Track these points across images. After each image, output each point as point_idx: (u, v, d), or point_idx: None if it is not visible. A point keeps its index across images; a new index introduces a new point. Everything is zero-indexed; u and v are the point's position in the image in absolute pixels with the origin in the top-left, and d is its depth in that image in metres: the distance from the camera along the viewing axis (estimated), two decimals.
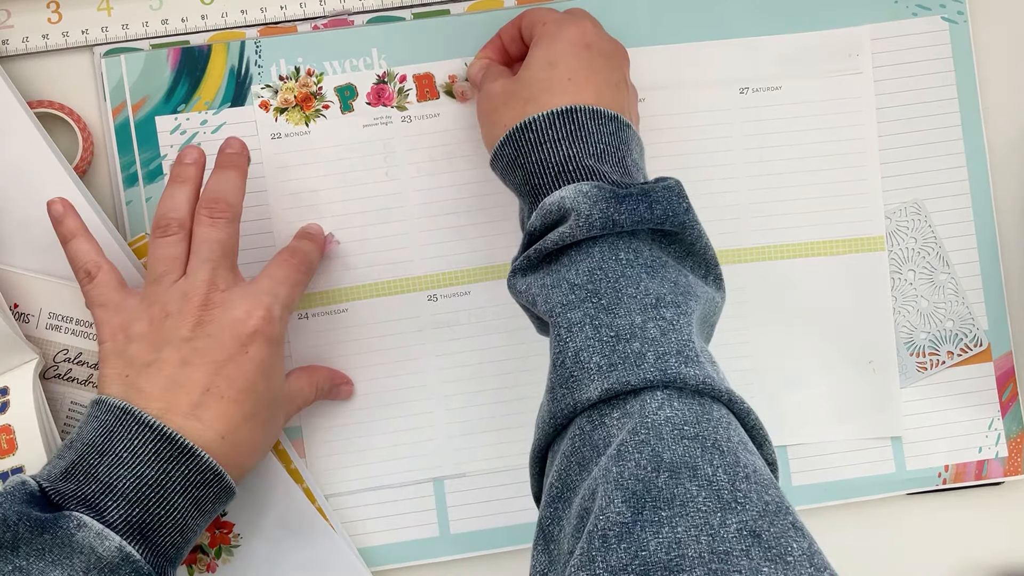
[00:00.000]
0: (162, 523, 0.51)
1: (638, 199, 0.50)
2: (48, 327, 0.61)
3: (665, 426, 0.43)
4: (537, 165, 0.53)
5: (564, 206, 0.50)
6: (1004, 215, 0.68)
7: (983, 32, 0.67)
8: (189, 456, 0.52)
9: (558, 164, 0.52)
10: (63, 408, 0.62)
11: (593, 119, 0.53)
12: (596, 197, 0.50)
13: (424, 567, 0.65)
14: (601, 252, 0.50)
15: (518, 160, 0.54)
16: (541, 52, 0.56)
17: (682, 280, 0.50)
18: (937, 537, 0.68)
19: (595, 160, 0.52)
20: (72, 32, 0.64)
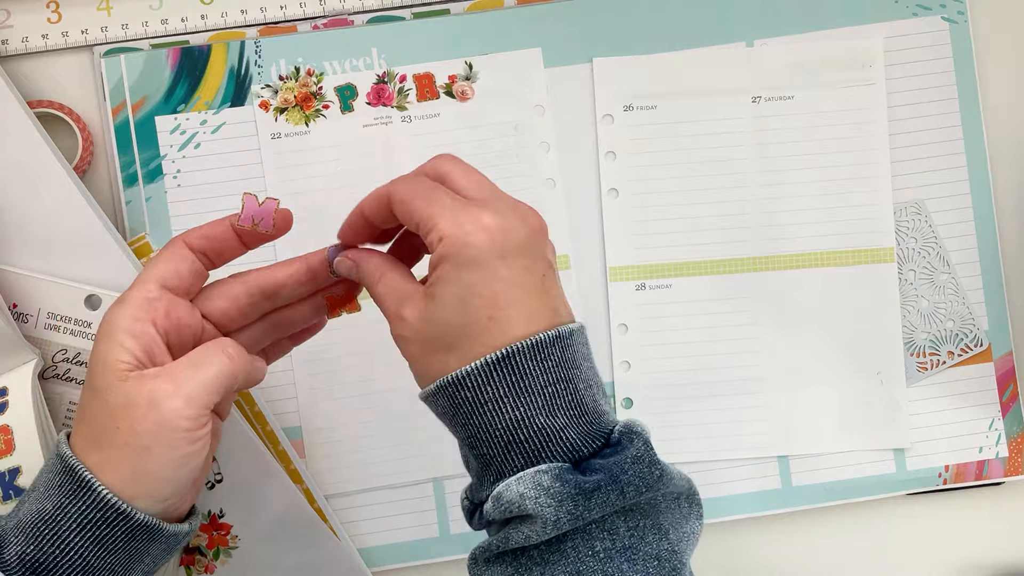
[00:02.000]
0: (57, 563, 0.46)
1: (608, 490, 0.43)
2: (47, 327, 0.61)
3: None
4: (482, 431, 0.45)
5: (524, 507, 0.43)
6: (1004, 215, 0.68)
7: (983, 32, 0.67)
8: (86, 491, 0.46)
9: (506, 432, 0.44)
10: (62, 408, 0.62)
11: (533, 358, 0.44)
12: (561, 495, 0.43)
13: (424, 567, 0.65)
14: (575, 549, 0.44)
15: (458, 419, 0.46)
16: (448, 287, 0.45)
17: (664, 549, 0.45)
18: (937, 537, 0.68)
19: (546, 415, 0.44)
20: (72, 32, 0.64)
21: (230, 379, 0.48)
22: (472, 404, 0.45)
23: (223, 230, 0.50)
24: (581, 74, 0.66)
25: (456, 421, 0.46)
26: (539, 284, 0.46)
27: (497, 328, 0.45)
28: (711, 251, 0.66)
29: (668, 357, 0.66)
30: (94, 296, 0.61)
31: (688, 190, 0.66)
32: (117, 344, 0.47)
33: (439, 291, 0.45)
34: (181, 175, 0.65)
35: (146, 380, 0.47)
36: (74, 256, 0.62)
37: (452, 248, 0.45)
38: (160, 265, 0.49)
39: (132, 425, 0.46)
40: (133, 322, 0.48)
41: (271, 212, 0.50)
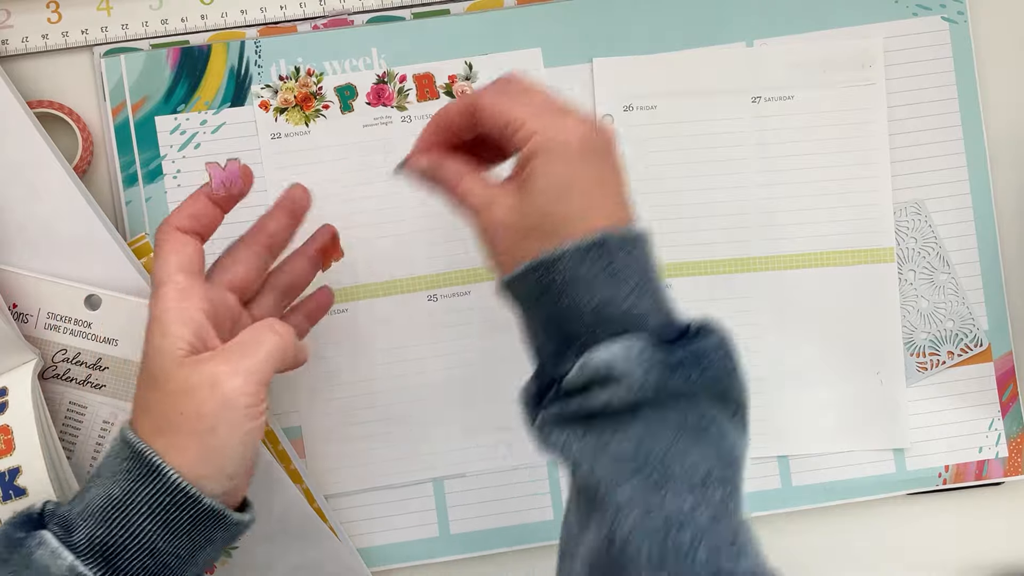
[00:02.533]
0: (126, 546, 0.48)
1: (691, 366, 0.47)
2: (47, 327, 0.61)
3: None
4: (569, 310, 0.47)
5: (613, 369, 0.46)
6: (1004, 215, 0.68)
7: (983, 32, 0.67)
8: (155, 475, 0.48)
9: (595, 310, 0.47)
10: (61, 408, 0.62)
11: (622, 247, 0.48)
12: (649, 362, 0.46)
13: (424, 567, 0.65)
14: (648, 419, 0.46)
15: (543, 300, 0.48)
16: (550, 173, 0.48)
17: (724, 446, 0.47)
18: (937, 537, 0.68)
19: (633, 299, 0.47)
20: (72, 32, 0.64)
21: (281, 354, 0.50)
22: (563, 283, 0.47)
23: (203, 204, 0.53)
24: (581, 74, 0.66)
25: (542, 302, 0.48)
26: (621, 185, 0.50)
27: (593, 212, 0.48)
28: (711, 251, 0.66)
29: None
30: (94, 296, 0.61)
31: (688, 190, 0.66)
32: (171, 334, 0.49)
33: (536, 182, 0.48)
34: (181, 175, 0.65)
35: (203, 363, 0.49)
36: (74, 256, 0.62)
37: (547, 142, 0.48)
38: (172, 257, 0.51)
39: (197, 408, 0.48)
40: (180, 311, 0.50)
41: (236, 172, 0.53)
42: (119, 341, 0.61)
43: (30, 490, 0.56)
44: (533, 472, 0.66)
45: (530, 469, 0.66)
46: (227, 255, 0.55)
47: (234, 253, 0.55)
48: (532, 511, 0.65)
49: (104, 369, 0.62)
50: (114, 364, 0.61)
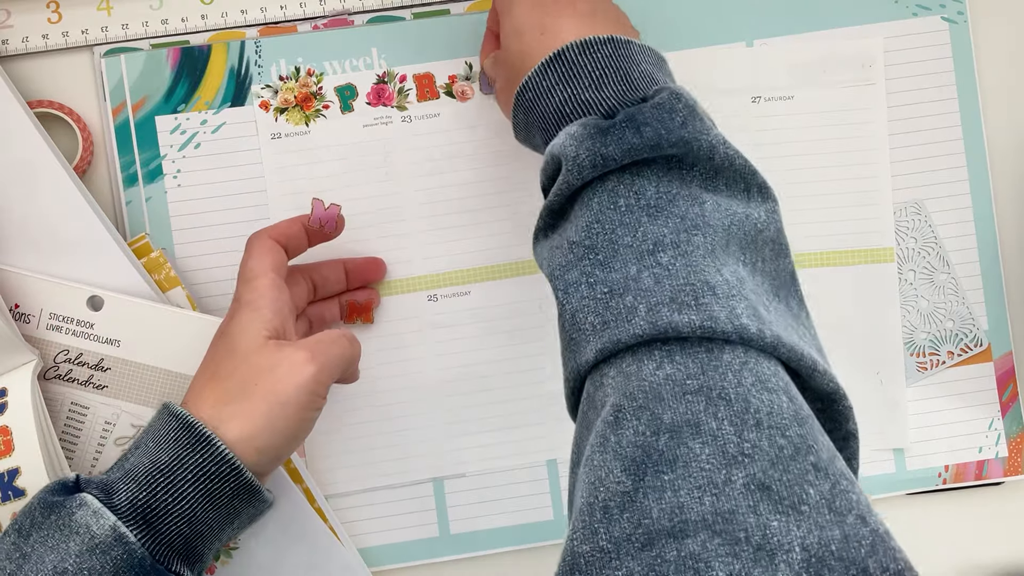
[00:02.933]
0: (168, 510, 0.50)
1: (623, 127, 0.47)
2: (48, 327, 0.61)
3: (665, 385, 0.41)
4: (542, 119, 0.52)
5: (555, 154, 0.49)
6: (1004, 215, 0.68)
7: (983, 32, 0.67)
8: (205, 444, 0.51)
9: (557, 110, 0.51)
10: (63, 409, 0.62)
11: (582, 54, 0.50)
12: (581, 136, 0.48)
13: (424, 567, 0.65)
14: (600, 202, 0.47)
15: (529, 122, 0.53)
16: (505, 27, 0.55)
17: (692, 212, 0.46)
18: (937, 537, 0.68)
19: (594, 91, 0.50)
20: (72, 32, 0.64)
21: (349, 361, 0.55)
22: (533, 100, 0.52)
23: (298, 229, 0.58)
24: None
25: (529, 128, 0.54)
26: (589, 13, 0.53)
27: (550, 39, 0.52)
28: None
29: None
30: (96, 297, 0.61)
31: None
32: (263, 317, 0.54)
33: (502, 33, 0.56)
34: (181, 175, 0.65)
35: (286, 347, 0.53)
36: (74, 256, 0.62)
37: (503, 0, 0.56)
38: (267, 257, 0.56)
39: (273, 385, 0.52)
40: (273, 300, 0.55)
41: (335, 216, 0.59)
42: (121, 342, 0.61)
43: (29, 491, 0.56)
44: (533, 472, 0.66)
45: (530, 469, 0.66)
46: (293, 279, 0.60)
47: (296, 276, 0.61)
48: (532, 511, 0.66)
49: (106, 370, 0.62)
50: (116, 365, 0.61)
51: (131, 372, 0.61)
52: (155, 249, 0.63)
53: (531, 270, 0.65)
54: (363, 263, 0.64)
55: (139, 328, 0.61)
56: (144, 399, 0.61)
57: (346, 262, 0.63)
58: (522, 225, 0.66)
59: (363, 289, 0.64)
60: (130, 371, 0.61)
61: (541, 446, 0.65)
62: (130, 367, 0.61)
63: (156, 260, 0.63)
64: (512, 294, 0.65)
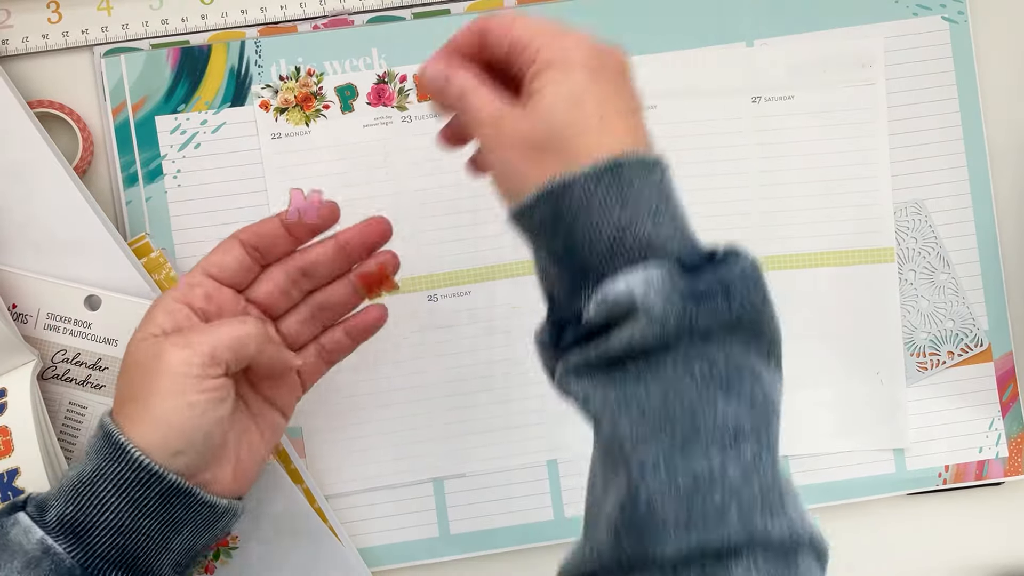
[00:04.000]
0: (94, 522, 0.49)
1: (716, 297, 0.43)
2: (46, 327, 0.61)
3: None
4: (584, 238, 0.44)
5: (633, 302, 0.43)
6: (1004, 215, 0.68)
7: (983, 32, 0.67)
8: (119, 451, 0.49)
9: (611, 237, 0.44)
10: (61, 409, 0.62)
11: (640, 172, 0.45)
12: (671, 292, 0.43)
13: (424, 567, 0.65)
14: (675, 367, 0.43)
15: (558, 227, 0.45)
16: (557, 87, 0.46)
17: (757, 391, 0.44)
18: (937, 537, 0.68)
19: (651, 225, 0.44)
20: (72, 32, 0.64)
21: (242, 339, 0.51)
22: (578, 208, 0.44)
23: (272, 225, 0.55)
24: None
25: (555, 229, 0.45)
26: (637, 106, 0.48)
27: (608, 132, 0.45)
28: None
29: None
30: (94, 296, 0.61)
31: (688, 190, 0.65)
32: (151, 319, 0.52)
33: (549, 94, 0.46)
34: (181, 175, 0.65)
35: (159, 340, 0.51)
36: (74, 256, 0.62)
37: (556, 55, 0.46)
38: (209, 256, 0.54)
39: (144, 377, 0.50)
40: (171, 302, 0.53)
41: (316, 204, 0.54)
42: (119, 341, 0.61)
43: (29, 491, 0.56)
44: (533, 472, 0.66)
45: (530, 469, 0.66)
46: (264, 272, 0.56)
47: (268, 271, 0.56)
48: (532, 511, 0.65)
49: (104, 369, 0.61)
50: (114, 364, 0.61)
51: None
52: (155, 249, 0.63)
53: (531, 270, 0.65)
54: (358, 230, 0.56)
55: None
56: None
57: (338, 236, 0.56)
58: None
59: (371, 258, 0.57)
60: None
61: (541, 446, 0.65)
62: None
63: (156, 260, 0.63)
64: (512, 294, 0.65)
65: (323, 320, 0.58)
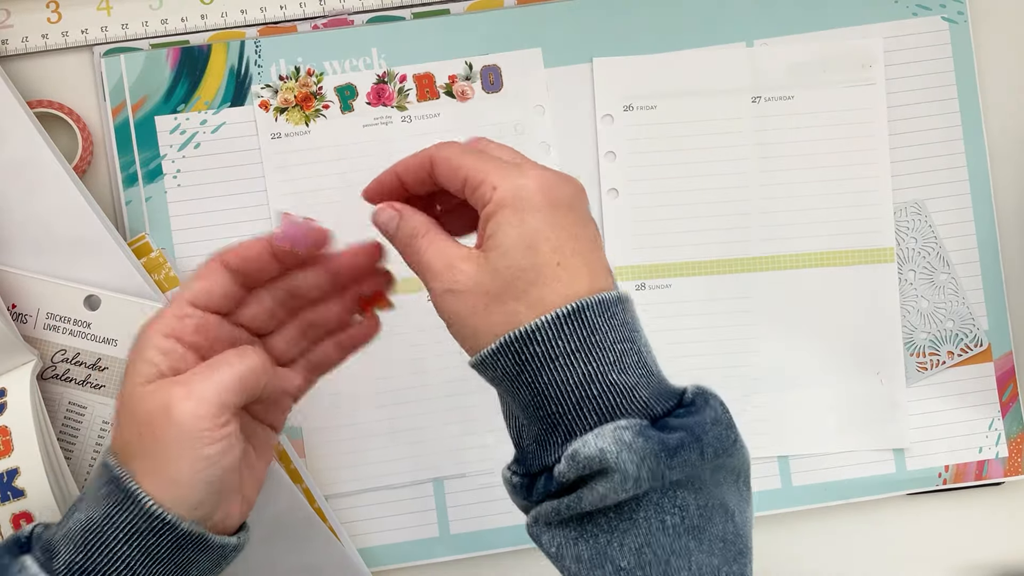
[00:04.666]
0: (105, 572, 0.47)
1: (690, 448, 0.43)
2: (46, 327, 0.61)
3: None
4: (550, 389, 0.44)
5: (606, 461, 0.42)
6: (1004, 215, 0.68)
7: (983, 32, 0.67)
8: (131, 502, 0.46)
9: (578, 387, 0.43)
10: (61, 409, 0.62)
11: (602, 314, 0.44)
12: (644, 451, 0.42)
13: (424, 567, 0.65)
14: (647, 520, 0.43)
15: (522, 378, 0.44)
16: (512, 231, 0.44)
17: (728, 530, 0.44)
18: (937, 537, 0.68)
19: (617, 372, 0.44)
20: (72, 32, 0.64)
21: (247, 378, 0.48)
22: (541, 360, 0.43)
23: (259, 250, 0.50)
24: (581, 74, 0.66)
25: (520, 380, 0.44)
26: (594, 239, 0.46)
27: (566, 276, 0.44)
28: (711, 251, 0.66)
29: (668, 357, 0.65)
30: (93, 296, 0.61)
31: (688, 190, 0.66)
32: (145, 358, 0.48)
33: (503, 238, 0.44)
34: (181, 175, 0.65)
35: (162, 387, 0.47)
36: (74, 256, 0.62)
37: (508, 196, 0.45)
38: (193, 284, 0.50)
39: (153, 432, 0.47)
40: (162, 338, 0.48)
41: (308, 232, 0.50)
42: (118, 341, 0.61)
43: (28, 491, 0.56)
44: None
45: None
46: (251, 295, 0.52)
47: (257, 294, 0.52)
48: None
49: (103, 369, 0.61)
50: (113, 364, 0.61)
51: None
52: (155, 249, 0.63)
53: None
54: (352, 257, 0.52)
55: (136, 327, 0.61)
56: None
57: (330, 265, 0.52)
58: None
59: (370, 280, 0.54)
60: None
61: None
62: None
63: (156, 260, 0.63)
64: None
65: (313, 336, 0.54)
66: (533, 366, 0.44)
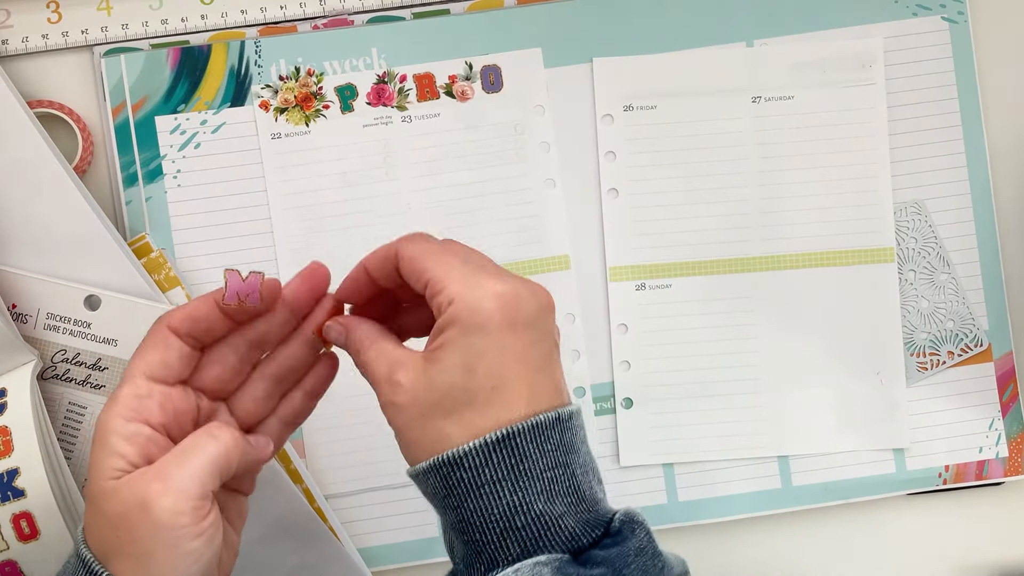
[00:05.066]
0: None
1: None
2: (46, 327, 0.61)
3: None
4: (475, 515, 0.43)
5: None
6: (1004, 215, 0.68)
7: (983, 32, 0.67)
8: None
9: (502, 518, 0.43)
10: (61, 409, 0.62)
11: (533, 440, 0.43)
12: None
13: (424, 567, 0.65)
14: None
15: (449, 500, 0.44)
16: (455, 350, 0.44)
17: None
18: (937, 537, 0.68)
19: (545, 500, 0.43)
20: (72, 32, 0.64)
21: (222, 460, 0.46)
22: (468, 486, 0.43)
23: (207, 310, 0.47)
24: (581, 74, 0.66)
25: (448, 503, 0.44)
26: (544, 360, 0.45)
27: (499, 401, 0.43)
28: (711, 251, 0.66)
29: (668, 357, 0.66)
30: (93, 296, 0.61)
31: (688, 190, 0.66)
32: (110, 449, 0.45)
33: (443, 355, 0.44)
34: (181, 175, 0.65)
35: (136, 482, 0.44)
36: (74, 256, 0.62)
37: (462, 312, 0.44)
38: (146, 356, 0.47)
39: (130, 533, 0.44)
40: (125, 424, 0.46)
41: (256, 287, 0.47)
42: (118, 341, 0.61)
43: (28, 491, 0.56)
44: None
45: None
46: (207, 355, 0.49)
47: (216, 351, 0.49)
48: None
49: (103, 369, 0.61)
50: (113, 364, 0.61)
51: None
52: (155, 249, 0.63)
53: (530, 270, 0.65)
54: (302, 282, 0.49)
55: (136, 327, 0.61)
56: None
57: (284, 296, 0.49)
58: (522, 225, 0.66)
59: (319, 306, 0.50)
60: None
61: None
62: None
63: (156, 260, 0.63)
64: None
65: (281, 389, 0.51)
66: (460, 491, 0.43)
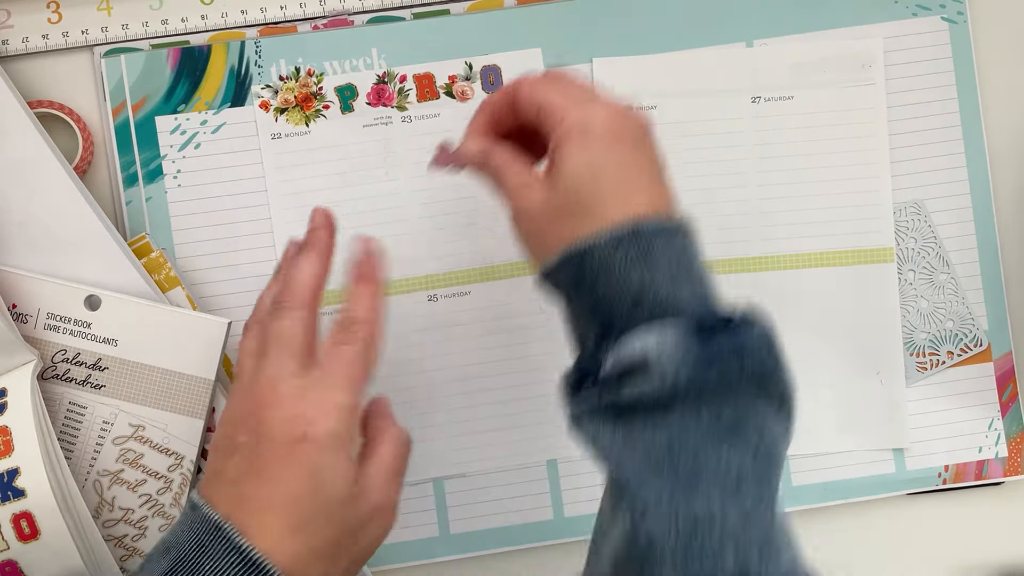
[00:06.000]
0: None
1: (728, 360, 0.45)
2: (46, 327, 0.61)
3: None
4: (606, 298, 0.47)
5: (646, 361, 0.45)
6: (1004, 215, 0.68)
7: (983, 32, 0.67)
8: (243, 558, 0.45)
9: (633, 296, 0.46)
10: (61, 409, 0.62)
11: (659, 235, 0.47)
12: (683, 356, 0.45)
13: (424, 567, 0.65)
14: (681, 417, 0.45)
15: (581, 287, 0.48)
16: (577, 156, 0.48)
17: (763, 442, 0.46)
18: (937, 537, 0.68)
19: (670, 288, 0.46)
20: (72, 32, 0.64)
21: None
22: (598, 271, 0.47)
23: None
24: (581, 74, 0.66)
25: (580, 291, 0.48)
26: (658, 175, 0.50)
27: (626, 198, 0.48)
28: (711, 251, 0.65)
29: None
30: (94, 296, 0.61)
31: (688, 190, 0.66)
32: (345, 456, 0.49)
33: (569, 163, 0.48)
34: (181, 175, 0.65)
35: (371, 497, 0.51)
36: (74, 256, 0.62)
37: (579, 124, 0.48)
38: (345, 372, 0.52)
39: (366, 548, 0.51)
40: (352, 440, 0.51)
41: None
42: (118, 341, 0.61)
43: (29, 491, 0.56)
44: (533, 472, 0.66)
45: (530, 469, 0.66)
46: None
47: None
48: (532, 511, 0.65)
49: (104, 369, 0.61)
50: (114, 364, 0.61)
51: (129, 371, 0.61)
52: (155, 249, 0.63)
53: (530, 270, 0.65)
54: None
55: (136, 327, 0.61)
56: (142, 399, 0.61)
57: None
58: None
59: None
60: (128, 371, 0.61)
61: (541, 446, 0.65)
62: (128, 367, 0.61)
63: (156, 260, 0.63)
64: (512, 294, 0.65)
65: None
66: (591, 276, 0.47)
